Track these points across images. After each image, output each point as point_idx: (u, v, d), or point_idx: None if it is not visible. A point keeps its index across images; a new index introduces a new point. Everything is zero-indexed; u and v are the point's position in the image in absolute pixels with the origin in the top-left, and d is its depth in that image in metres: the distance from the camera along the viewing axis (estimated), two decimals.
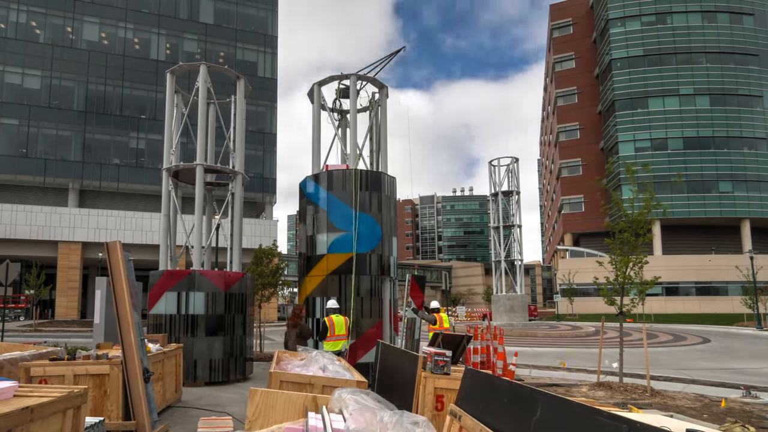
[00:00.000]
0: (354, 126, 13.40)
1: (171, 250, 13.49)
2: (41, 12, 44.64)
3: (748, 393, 10.67)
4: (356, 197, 12.21)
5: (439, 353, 6.27)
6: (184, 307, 11.81)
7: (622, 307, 11.72)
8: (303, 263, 12.90)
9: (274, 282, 18.12)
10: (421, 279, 13.38)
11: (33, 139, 43.13)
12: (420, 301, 13.01)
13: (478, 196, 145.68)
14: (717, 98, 60.69)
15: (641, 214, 11.56)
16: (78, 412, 3.89)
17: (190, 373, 11.51)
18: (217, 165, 13.95)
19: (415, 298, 12.82)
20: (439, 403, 6.06)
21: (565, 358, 17.04)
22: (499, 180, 40.05)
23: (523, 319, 36.79)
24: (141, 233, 42.32)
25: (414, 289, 12.83)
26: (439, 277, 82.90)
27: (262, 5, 51.56)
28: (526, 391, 3.26)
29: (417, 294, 12.92)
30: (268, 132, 49.97)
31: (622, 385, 11.26)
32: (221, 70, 15.02)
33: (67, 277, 41.26)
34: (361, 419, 3.67)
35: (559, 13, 74.58)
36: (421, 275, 13.85)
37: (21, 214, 40.08)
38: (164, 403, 8.60)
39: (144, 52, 47.23)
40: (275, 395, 4.62)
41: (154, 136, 45.26)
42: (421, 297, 13.06)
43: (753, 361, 18.17)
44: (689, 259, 58.54)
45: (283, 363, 7.41)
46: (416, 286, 12.99)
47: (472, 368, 4.60)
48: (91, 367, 6.96)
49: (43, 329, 31.73)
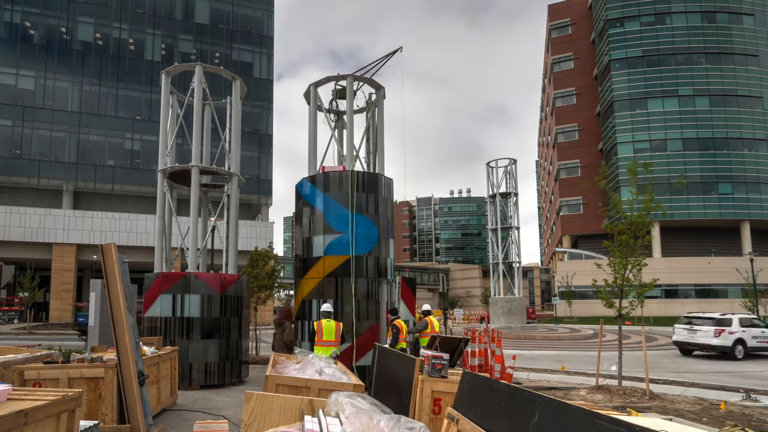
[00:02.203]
0: (350, 127, 13.34)
1: (166, 253, 13.40)
2: (35, 12, 44.54)
3: (747, 396, 10.63)
4: (352, 199, 12.14)
5: (436, 356, 6.22)
6: (180, 310, 11.72)
7: (620, 309, 11.67)
8: (299, 265, 12.82)
9: (270, 284, 18.05)
10: (411, 281, 13.22)
11: (27, 140, 42.99)
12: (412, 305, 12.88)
13: (475, 197, 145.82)
14: (716, 99, 60.68)
15: (640, 216, 11.51)
16: (72, 415, 3.87)
17: (186, 377, 11.42)
18: (213, 166, 13.86)
19: (407, 301, 12.72)
20: (436, 406, 6.01)
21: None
22: (497, 181, 40.03)
23: (521, 322, 36.73)
24: (136, 235, 42.21)
25: (405, 292, 12.73)
26: (436, 279, 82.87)
27: (258, 6, 51.55)
28: (525, 394, 3.22)
29: (408, 297, 12.81)
30: (264, 133, 49.93)
31: (621, 388, 11.20)
32: (217, 71, 14.97)
33: (61, 279, 41.11)
34: (357, 423, 3.61)
35: (558, 13, 74.66)
36: (412, 277, 13.71)
37: (15, 215, 39.94)
38: (159, 407, 8.52)
39: (139, 53, 47.15)
40: (271, 398, 4.54)
41: (149, 137, 45.15)
42: (413, 300, 12.95)
43: (752, 364, 18.14)
44: (689, 262, 58.49)
45: (279, 366, 7.34)
46: (407, 289, 12.88)
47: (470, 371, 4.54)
48: (85, 371, 6.92)
49: (37, 332, 31.58)
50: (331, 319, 9.38)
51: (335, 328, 9.25)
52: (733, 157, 59.73)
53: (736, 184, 59.57)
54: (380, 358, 8.88)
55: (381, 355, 8.90)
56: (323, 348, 9.05)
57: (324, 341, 9.10)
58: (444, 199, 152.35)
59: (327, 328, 9.20)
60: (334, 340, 9.16)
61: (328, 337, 9.12)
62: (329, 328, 9.22)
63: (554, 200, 77.51)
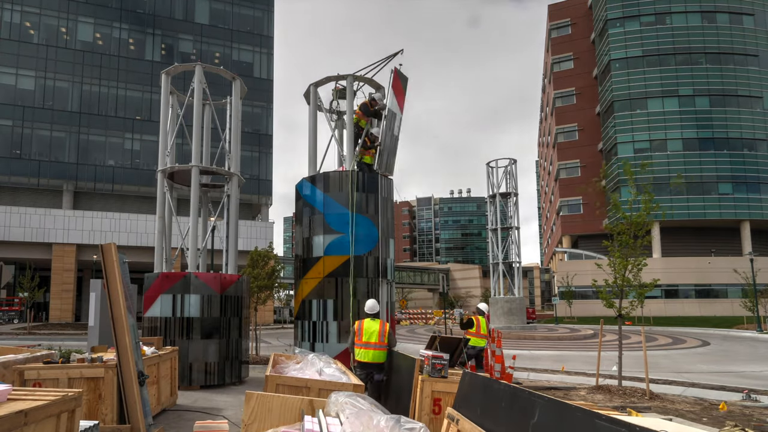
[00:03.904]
0: (350, 127, 13.33)
1: (166, 253, 13.39)
2: (35, 12, 44.53)
3: (748, 396, 10.62)
4: (352, 199, 12.14)
5: (436, 356, 6.22)
6: (180, 310, 11.72)
7: (620, 309, 11.66)
8: (299, 265, 12.82)
9: (270, 284, 18.04)
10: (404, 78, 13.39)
11: (27, 140, 42.98)
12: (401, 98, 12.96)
13: (475, 197, 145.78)
14: (716, 99, 60.65)
15: (640, 216, 11.51)
16: (72, 415, 3.86)
17: (186, 377, 11.41)
18: (213, 166, 13.85)
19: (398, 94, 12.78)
20: (436, 406, 6.01)
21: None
22: (497, 181, 40.00)
23: (521, 322, 36.69)
24: (136, 235, 42.20)
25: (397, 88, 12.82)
26: (436, 279, 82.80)
27: (258, 6, 51.54)
28: (525, 394, 3.22)
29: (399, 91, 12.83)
30: (264, 133, 49.92)
31: (621, 388, 11.20)
32: (217, 71, 14.95)
33: (61, 279, 41.09)
34: (357, 423, 3.62)
35: (558, 13, 74.63)
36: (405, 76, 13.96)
37: (15, 215, 39.94)
38: (159, 407, 8.51)
39: (139, 53, 47.14)
40: (271, 399, 4.55)
41: (149, 137, 45.14)
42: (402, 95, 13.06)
43: (753, 364, 18.12)
44: (688, 262, 58.48)
45: (279, 366, 7.35)
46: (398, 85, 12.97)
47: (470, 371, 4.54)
48: (85, 371, 6.90)
49: (37, 332, 31.59)
50: (376, 319, 8.28)
51: (380, 328, 8.11)
52: (733, 157, 59.69)
53: (736, 184, 59.53)
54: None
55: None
56: (362, 350, 8.06)
57: (364, 342, 8.08)
58: (444, 199, 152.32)
59: (368, 329, 8.11)
60: (376, 342, 8.02)
61: (368, 338, 8.05)
62: (371, 329, 8.12)
63: (554, 200, 77.48)
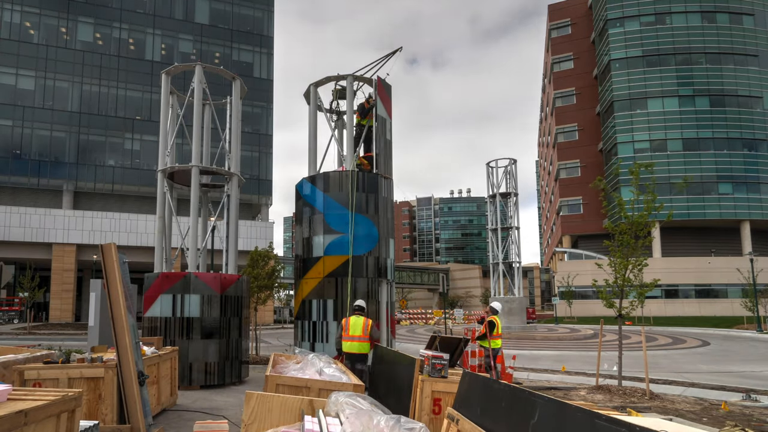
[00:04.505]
0: (350, 127, 13.33)
1: (166, 253, 13.39)
2: (35, 12, 44.53)
3: (748, 396, 10.62)
4: (352, 199, 12.14)
5: (436, 356, 6.21)
6: (180, 310, 11.72)
7: (621, 309, 11.66)
8: (299, 265, 12.82)
9: (270, 284, 18.04)
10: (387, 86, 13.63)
11: (27, 140, 43.00)
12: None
13: (475, 197, 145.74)
14: (716, 99, 60.67)
15: (642, 216, 11.51)
16: (72, 415, 3.86)
17: (186, 377, 11.41)
18: (213, 166, 13.85)
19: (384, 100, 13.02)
20: (436, 406, 6.00)
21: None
22: (497, 181, 40.00)
23: (521, 322, 36.69)
24: (136, 235, 42.21)
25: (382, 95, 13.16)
26: (436, 279, 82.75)
27: (258, 6, 51.54)
28: (525, 394, 3.22)
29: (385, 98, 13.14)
30: (264, 133, 49.92)
31: (621, 388, 11.19)
32: (217, 71, 14.96)
33: (61, 279, 41.11)
34: (357, 423, 3.61)
35: (558, 13, 74.63)
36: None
37: (15, 215, 39.95)
38: (159, 407, 8.51)
39: (139, 53, 47.14)
40: (271, 399, 4.54)
41: (149, 137, 45.15)
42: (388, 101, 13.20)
43: (753, 364, 18.13)
44: (689, 262, 58.47)
45: (279, 366, 7.34)
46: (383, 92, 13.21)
47: (470, 371, 4.53)
48: (85, 371, 6.89)
49: (38, 332, 31.59)
50: (361, 316, 9.26)
51: (363, 324, 9.09)
52: (733, 157, 59.70)
53: (736, 184, 59.55)
54: (380, 358, 8.88)
55: (380, 355, 8.91)
56: (348, 343, 9.01)
57: (350, 336, 9.04)
58: (444, 199, 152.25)
59: (354, 324, 9.11)
60: (359, 335, 9.00)
61: (353, 332, 9.03)
62: (356, 323, 9.11)
63: (554, 200, 77.47)
